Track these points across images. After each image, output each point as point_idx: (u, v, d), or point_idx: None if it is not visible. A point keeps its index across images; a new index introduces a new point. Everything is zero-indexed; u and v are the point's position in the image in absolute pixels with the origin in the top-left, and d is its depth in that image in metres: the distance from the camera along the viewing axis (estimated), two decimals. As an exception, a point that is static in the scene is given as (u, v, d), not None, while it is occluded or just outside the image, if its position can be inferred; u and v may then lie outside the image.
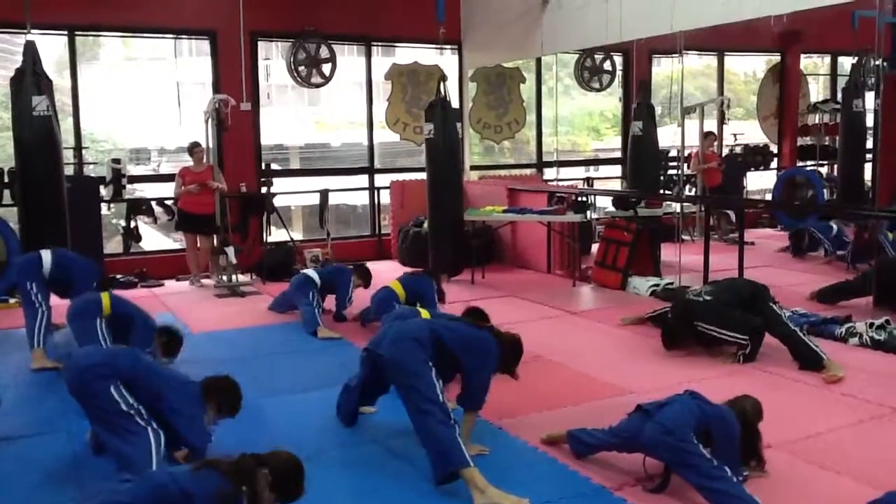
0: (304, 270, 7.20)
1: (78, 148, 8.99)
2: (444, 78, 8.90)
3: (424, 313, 4.52)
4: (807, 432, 4.25)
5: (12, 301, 7.67)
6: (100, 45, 12.34)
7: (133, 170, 10.82)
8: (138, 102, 12.38)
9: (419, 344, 3.73)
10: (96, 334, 5.16)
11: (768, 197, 12.24)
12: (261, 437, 4.31)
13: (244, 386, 5.05)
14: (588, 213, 9.05)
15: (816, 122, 12.80)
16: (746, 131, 13.27)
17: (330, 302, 6.97)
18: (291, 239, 9.65)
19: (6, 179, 8.28)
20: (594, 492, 3.59)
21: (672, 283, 7.87)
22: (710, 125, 11.19)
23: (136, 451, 3.33)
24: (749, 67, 15.47)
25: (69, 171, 8.43)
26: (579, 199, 8.93)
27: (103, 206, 9.31)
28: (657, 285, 7.89)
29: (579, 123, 19.49)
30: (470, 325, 3.98)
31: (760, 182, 13.09)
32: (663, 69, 13.10)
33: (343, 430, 4.37)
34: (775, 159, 12.92)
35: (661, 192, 11.04)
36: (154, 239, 11.65)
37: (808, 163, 12.70)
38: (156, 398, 3.60)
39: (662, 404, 3.64)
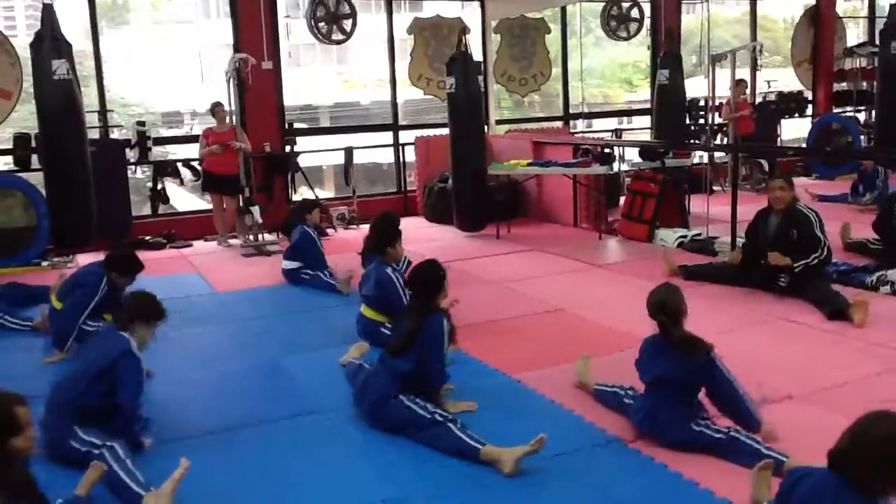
0: None
1: (102, 111, 9.02)
2: (465, 31, 8.75)
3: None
4: (833, 381, 4.16)
5: (44, 264, 7.80)
6: (128, 9, 12.35)
7: (166, 133, 10.86)
8: (167, 66, 12.41)
9: (393, 399, 3.73)
10: None
11: (804, 146, 11.93)
12: (281, 392, 4.36)
13: (266, 343, 5.17)
14: (614, 164, 8.90)
15: (853, 66, 12.43)
16: (781, 78, 12.94)
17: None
18: (317, 198, 9.64)
19: (34, 144, 8.34)
20: (609, 443, 3.57)
21: (700, 234, 7.75)
22: (744, 73, 10.89)
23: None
24: (788, 13, 15.05)
25: (94, 134, 8.49)
26: (605, 150, 8.77)
27: (131, 169, 9.38)
28: (685, 237, 7.77)
29: (611, 76, 19.09)
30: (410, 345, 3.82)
31: (795, 130, 12.77)
32: (695, 16, 12.78)
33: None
34: (810, 106, 12.58)
35: (690, 141, 10.82)
36: (183, 200, 11.75)
37: (845, 109, 12.37)
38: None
39: (650, 414, 3.54)
